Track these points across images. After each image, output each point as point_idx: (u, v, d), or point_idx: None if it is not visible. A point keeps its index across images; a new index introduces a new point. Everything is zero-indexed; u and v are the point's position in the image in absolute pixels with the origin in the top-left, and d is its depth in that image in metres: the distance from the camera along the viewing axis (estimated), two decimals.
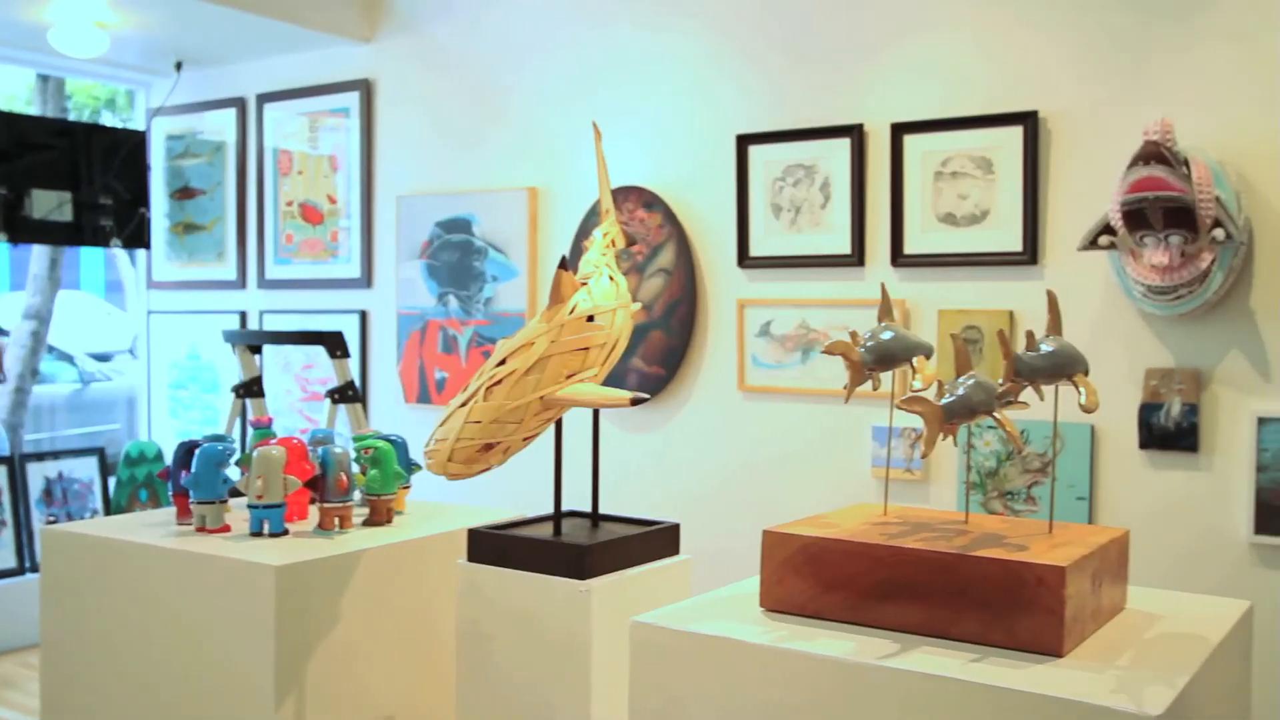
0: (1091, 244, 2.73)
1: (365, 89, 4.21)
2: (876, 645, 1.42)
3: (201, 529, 2.25)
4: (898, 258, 3.14)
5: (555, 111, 3.76)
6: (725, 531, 3.33)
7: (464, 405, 1.87)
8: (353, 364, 3.83)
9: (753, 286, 3.40)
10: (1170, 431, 2.79)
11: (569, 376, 1.86)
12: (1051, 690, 1.26)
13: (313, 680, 2.08)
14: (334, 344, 3.08)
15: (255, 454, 2.21)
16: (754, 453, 3.41)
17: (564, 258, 1.89)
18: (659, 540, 2.03)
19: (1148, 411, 2.81)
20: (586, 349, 1.87)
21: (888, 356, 1.60)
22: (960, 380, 1.50)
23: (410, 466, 2.51)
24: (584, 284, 1.94)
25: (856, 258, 3.20)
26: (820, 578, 1.52)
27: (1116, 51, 2.84)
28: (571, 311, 1.88)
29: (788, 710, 1.41)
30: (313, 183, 4.39)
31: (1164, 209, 2.55)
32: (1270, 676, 2.67)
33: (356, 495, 2.36)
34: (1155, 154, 2.55)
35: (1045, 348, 1.49)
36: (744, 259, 3.39)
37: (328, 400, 3.03)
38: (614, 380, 3.55)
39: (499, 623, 1.96)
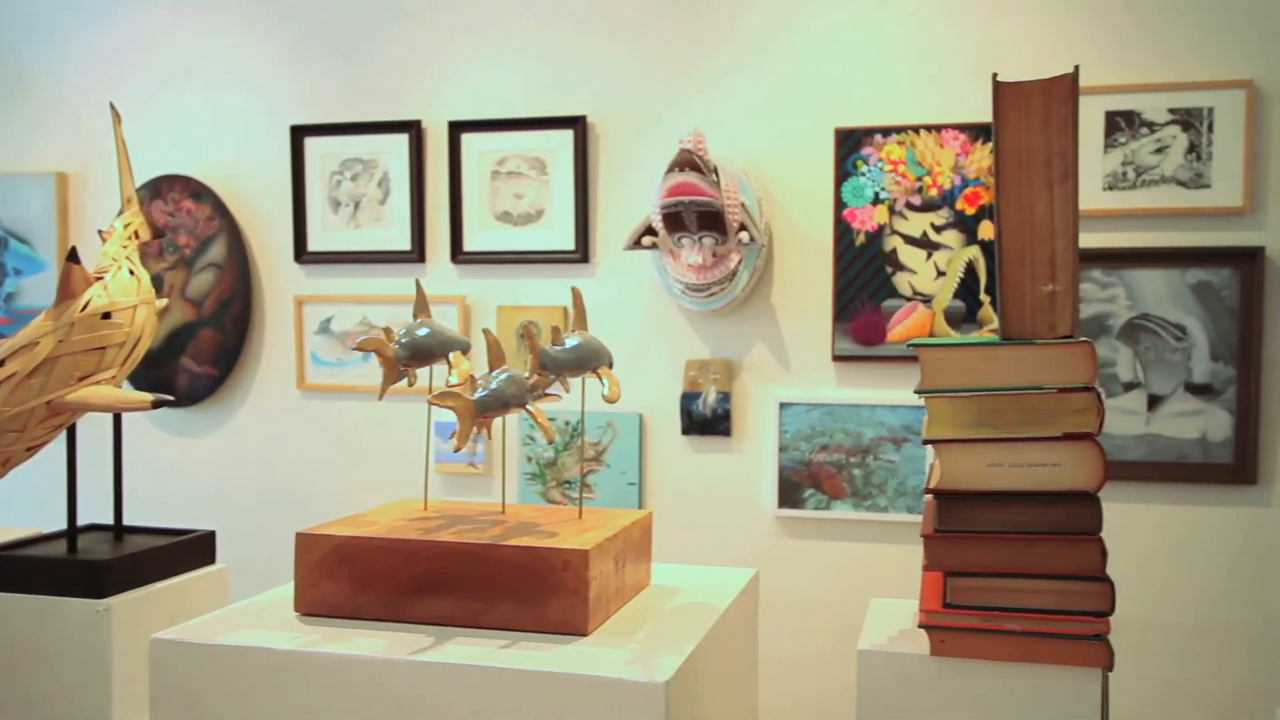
0: (635, 244, 2.89)
1: None
2: (410, 641, 1.42)
3: None
4: (458, 254, 3.16)
5: (88, 92, 3.44)
6: (287, 536, 3.19)
7: None
8: None
9: (311, 282, 3.29)
10: (707, 418, 3.02)
11: (81, 379, 1.70)
12: (573, 669, 1.32)
13: None
14: None
15: None
16: (316, 453, 3.31)
17: (73, 249, 1.73)
18: (191, 550, 1.91)
19: (688, 400, 3.03)
20: (103, 349, 1.71)
21: (423, 352, 1.60)
22: (493, 374, 1.53)
23: None
24: (100, 278, 1.78)
25: (417, 254, 3.19)
26: (355, 577, 1.50)
27: (657, 64, 3.03)
28: (84, 308, 1.72)
29: (323, 715, 1.38)
30: None
31: (697, 213, 2.75)
32: (782, 627, 2.97)
33: None
34: (689, 161, 2.74)
35: (570, 342, 1.55)
36: (301, 254, 3.28)
37: None
38: (163, 382, 3.32)
39: (14, 653, 1.76)
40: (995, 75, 1.35)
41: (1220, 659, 2.76)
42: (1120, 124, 2.74)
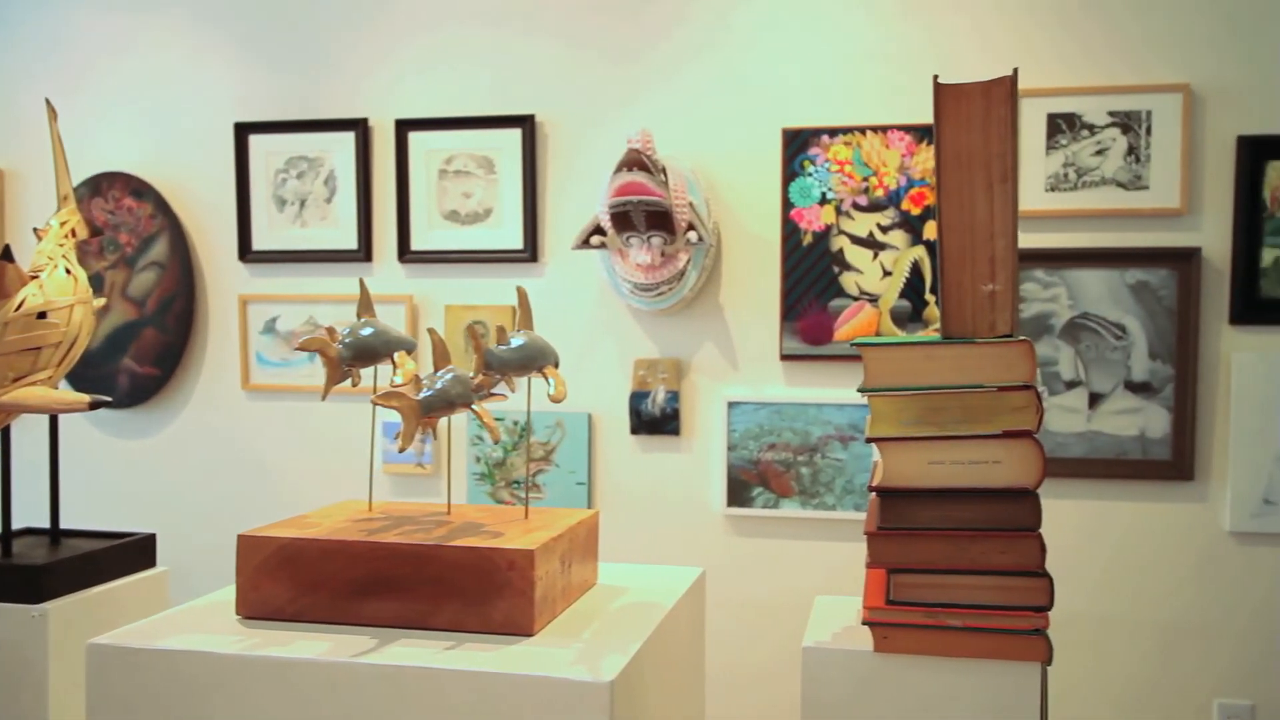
0: (584, 243, 2.89)
1: None
2: (354, 643, 1.40)
3: None
4: (405, 253, 3.14)
5: (24, 87, 3.37)
6: (232, 538, 3.16)
7: None
8: None
9: (256, 282, 3.26)
10: (656, 417, 3.02)
11: (16, 380, 1.66)
12: (518, 669, 1.32)
13: None
14: None
15: None
16: (261, 454, 3.27)
17: (7, 247, 1.69)
18: (130, 553, 1.88)
19: (637, 399, 3.03)
20: (38, 349, 1.68)
21: (367, 352, 1.59)
22: (438, 374, 1.53)
23: None
24: (35, 277, 1.74)
25: (364, 253, 3.17)
26: (298, 579, 1.48)
27: (606, 64, 3.03)
28: (18, 308, 1.68)
29: (267, 718, 1.36)
30: None
31: (646, 212, 2.76)
32: (730, 625, 2.98)
33: None
34: (637, 161, 2.74)
35: (516, 341, 1.54)
36: (246, 253, 3.24)
37: None
38: (104, 383, 3.27)
39: None
40: (936, 77, 1.36)
41: (1160, 651, 2.81)
42: (1061, 126, 2.78)
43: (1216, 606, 2.78)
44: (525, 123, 3.05)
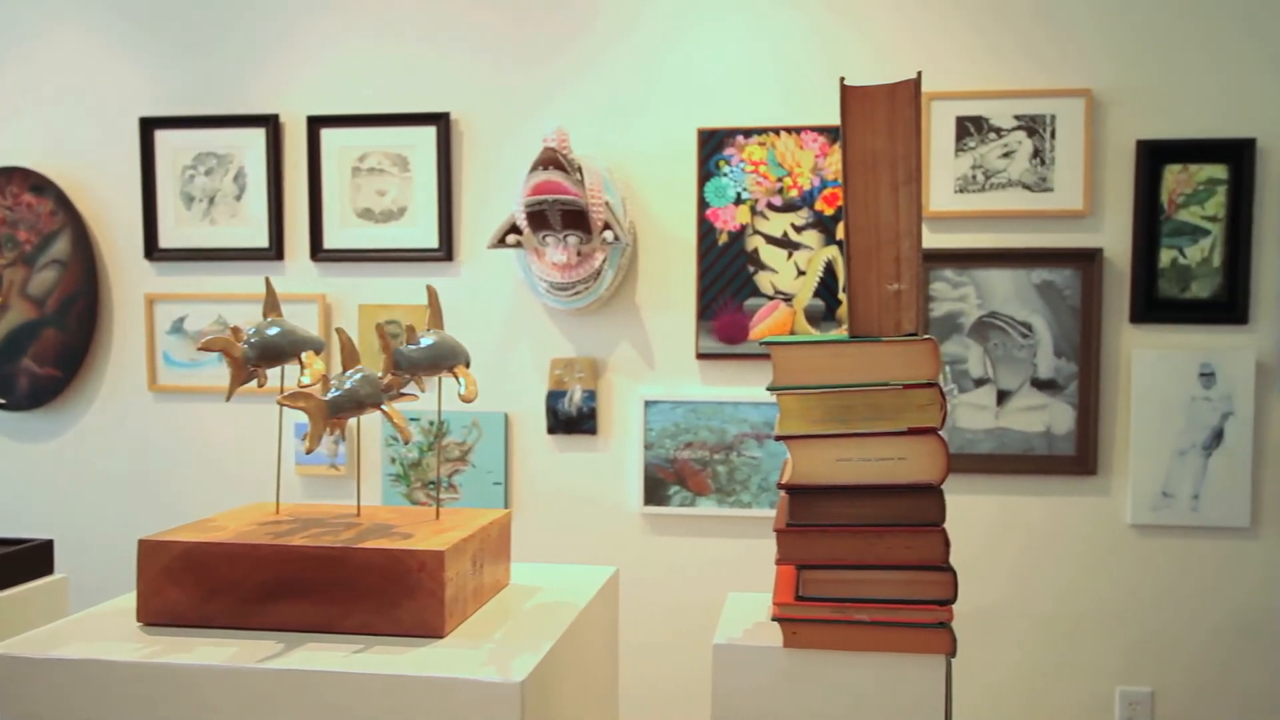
0: (500, 242, 2.88)
1: None
2: (260, 648, 1.38)
3: None
4: (317, 252, 3.10)
5: None
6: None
7: None
8: None
9: (163, 280, 3.18)
10: (573, 416, 3.02)
11: None
12: (427, 671, 1.30)
13: None
14: None
15: None
16: (169, 457, 3.20)
17: None
18: (26, 560, 1.82)
19: (553, 399, 3.02)
20: None
21: (274, 352, 1.56)
22: (347, 374, 1.50)
23: None
24: None
25: (275, 251, 3.11)
26: (202, 585, 1.45)
27: (521, 62, 3.02)
28: None
29: None
30: None
31: (562, 211, 2.75)
32: (646, 624, 2.99)
33: None
34: (552, 160, 2.74)
35: (426, 341, 1.53)
36: (152, 251, 3.16)
37: None
38: (1, 384, 3.17)
39: None
40: (842, 79, 1.38)
41: (1064, 640, 2.89)
42: (970, 129, 2.84)
43: (1118, 596, 2.86)
44: (440, 120, 3.02)
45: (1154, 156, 2.79)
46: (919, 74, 1.38)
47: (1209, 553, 2.83)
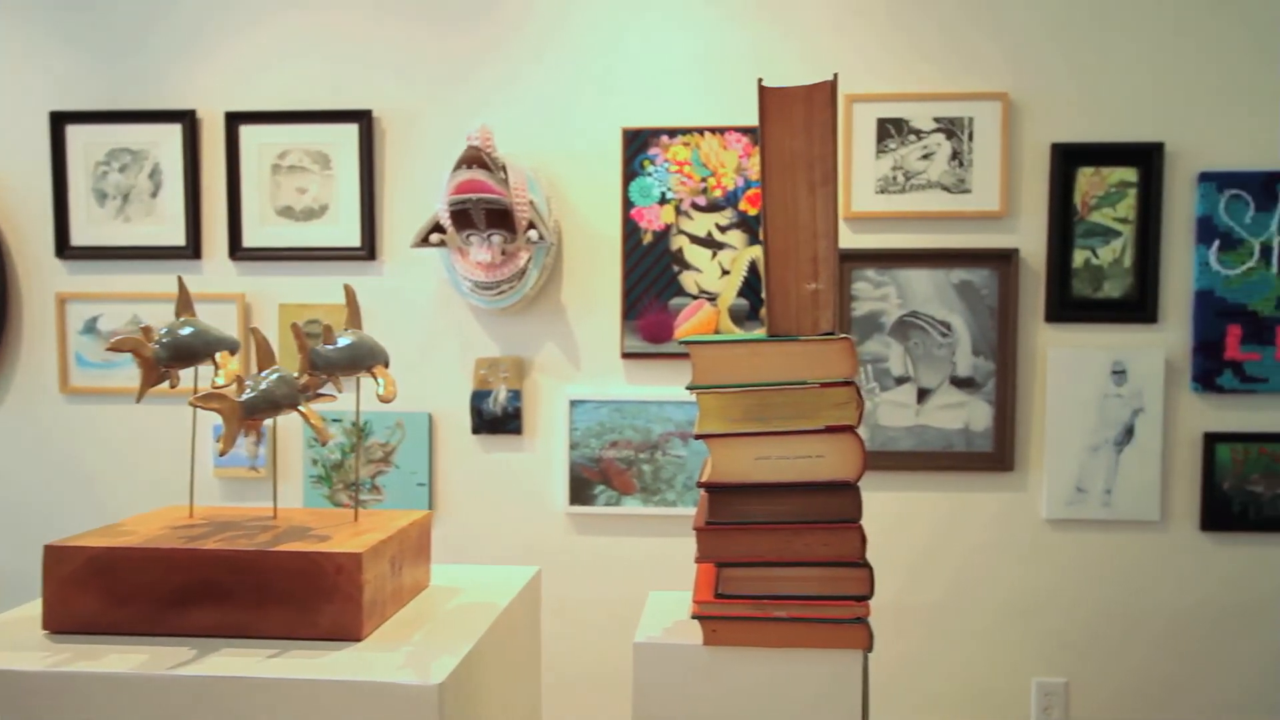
0: (424, 241, 2.85)
1: None
2: (172, 654, 1.35)
3: None
4: (236, 250, 3.04)
5: None
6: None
7: None
8: None
9: (75, 279, 3.10)
10: (498, 416, 3.00)
11: None
12: (344, 675, 1.29)
13: None
14: None
15: None
16: (82, 461, 3.12)
17: None
18: None
19: (478, 398, 3.00)
20: None
21: (186, 353, 1.53)
22: (263, 375, 1.48)
23: None
24: None
25: (192, 250, 3.05)
26: (112, 591, 1.42)
27: (445, 59, 3.00)
28: None
29: None
30: None
31: (486, 210, 2.73)
32: (571, 623, 2.99)
33: None
34: (476, 158, 2.72)
35: (343, 341, 1.51)
36: (64, 249, 3.08)
37: None
38: None
39: None
40: (760, 80, 1.39)
41: (982, 634, 2.94)
42: (890, 131, 2.87)
43: (1033, 589, 2.92)
44: (363, 118, 2.99)
45: (1068, 159, 2.85)
46: (835, 76, 1.40)
47: (1121, 546, 2.90)
